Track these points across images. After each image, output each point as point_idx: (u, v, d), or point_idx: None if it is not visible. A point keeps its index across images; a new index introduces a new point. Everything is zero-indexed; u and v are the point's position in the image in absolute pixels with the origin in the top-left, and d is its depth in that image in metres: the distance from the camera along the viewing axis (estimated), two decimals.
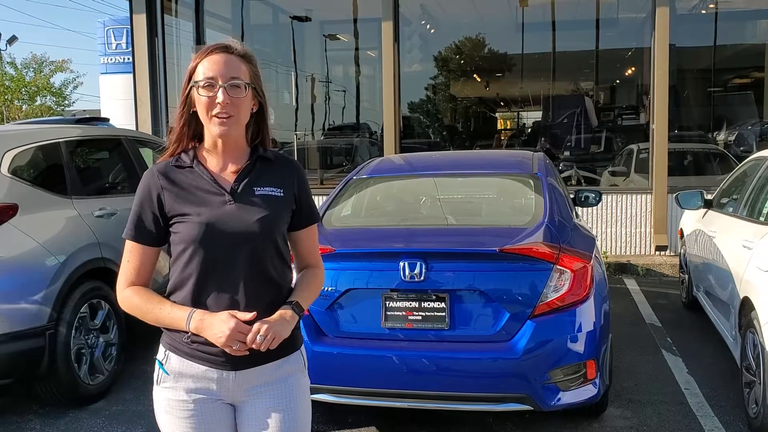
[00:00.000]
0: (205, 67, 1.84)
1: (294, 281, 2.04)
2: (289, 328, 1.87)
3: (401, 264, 3.53)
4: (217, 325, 1.78)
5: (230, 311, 1.81)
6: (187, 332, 1.83)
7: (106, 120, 6.44)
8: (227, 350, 1.79)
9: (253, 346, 1.79)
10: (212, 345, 1.83)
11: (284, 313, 1.88)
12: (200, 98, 1.84)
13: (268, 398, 1.93)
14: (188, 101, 1.89)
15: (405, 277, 3.53)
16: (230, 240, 1.86)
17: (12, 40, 27.37)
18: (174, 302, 1.88)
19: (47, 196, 4.51)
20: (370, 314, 3.63)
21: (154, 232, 1.90)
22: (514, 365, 3.44)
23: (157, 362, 1.94)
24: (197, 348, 1.86)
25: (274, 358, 1.91)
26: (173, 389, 1.90)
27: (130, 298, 1.89)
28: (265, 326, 1.80)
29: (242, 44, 1.92)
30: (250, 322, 1.80)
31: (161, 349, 1.94)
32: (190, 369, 1.89)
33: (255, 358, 1.86)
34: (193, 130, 1.93)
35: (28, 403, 4.46)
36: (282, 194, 1.95)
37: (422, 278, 3.52)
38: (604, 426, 3.96)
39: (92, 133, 5.37)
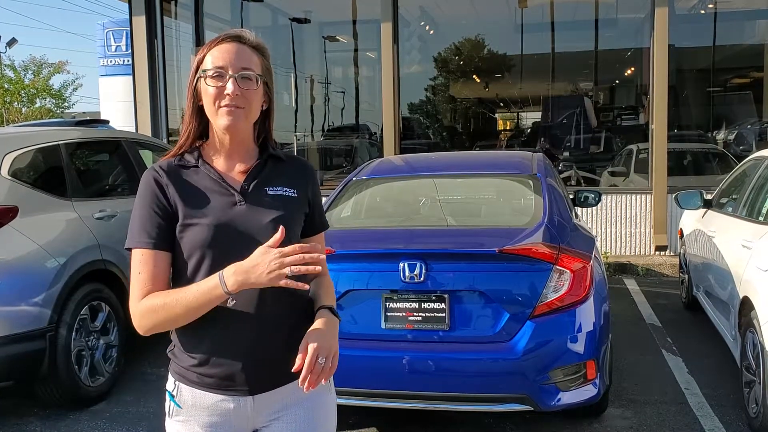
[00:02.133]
0: (215, 56, 1.69)
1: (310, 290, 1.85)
2: (337, 335, 1.71)
3: (401, 265, 3.53)
4: (258, 261, 1.55)
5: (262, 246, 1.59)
6: (228, 296, 1.60)
7: (106, 122, 6.46)
8: (282, 282, 1.54)
9: (310, 374, 1.59)
10: (221, 367, 1.68)
11: (328, 322, 1.70)
12: (207, 89, 1.69)
13: (290, 422, 1.76)
14: (195, 94, 1.73)
15: (405, 278, 3.53)
16: (242, 244, 1.66)
17: (11, 42, 27.40)
18: (178, 326, 1.69)
19: (47, 198, 4.51)
20: (370, 315, 3.63)
21: (165, 234, 1.69)
22: (514, 365, 3.45)
23: (167, 394, 1.77)
24: (204, 373, 1.70)
25: (293, 378, 1.69)
26: (186, 423, 1.73)
27: (146, 303, 1.64)
28: (330, 352, 1.62)
29: (255, 35, 1.76)
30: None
31: (170, 379, 1.77)
32: (203, 400, 1.71)
33: (273, 380, 1.72)
34: (199, 126, 1.77)
35: (28, 405, 4.47)
36: (296, 195, 1.79)
37: (422, 279, 3.52)
38: (605, 426, 3.97)
39: (92, 135, 5.39)
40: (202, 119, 1.76)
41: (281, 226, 1.61)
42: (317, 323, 1.69)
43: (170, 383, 1.77)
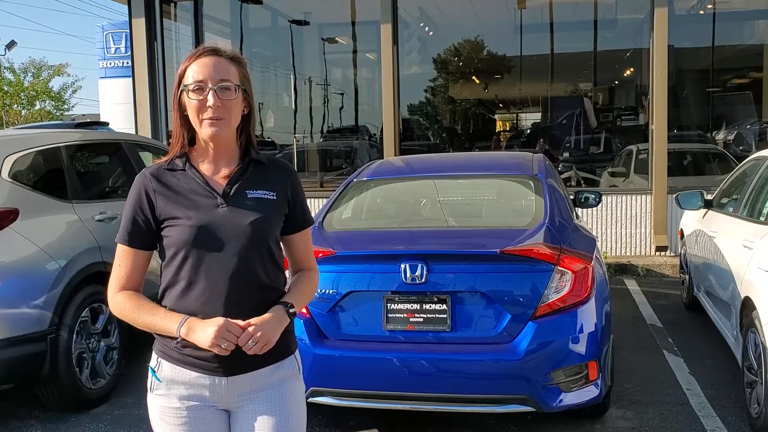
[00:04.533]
0: (194, 71, 1.84)
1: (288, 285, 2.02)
2: (280, 330, 1.86)
3: (402, 266, 3.53)
4: (207, 327, 1.76)
5: (224, 318, 1.79)
6: (176, 338, 1.81)
7: (106, 124, 6.45)
8: (215, 350, 1.76)
9: (243, 348, 1.77)
10: (203, 350, 1.81)
11: (276, 313, 1.86)
12: (190, 101, 1.84)
13: (262, 404, 1.91)
14: (179, 105, 1.88)
15: (406, 279, 3.53)
16: (222, 244, 1.84)
17: (11, 44, 27.40)
18: (167, 309, 1.86)
19: (48, 200, 4.51)
20: (371, 316, 3.63)
21: (146, 236, 1.89)
22: (516, 367, 3.44)
23: (149, 370, 1.93)
24: (188, 353, 1.85)
25: (267, 363, 1.90)
26: (166, 396, 1.89)
27: (121, 303, 1.87)
28: (258, 333, 1.78)
29: (231, 47, 1.92)
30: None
31: (153, 356, 1.93)
32: (181, 376, 1.88)
33: (247, 364, 1.85)
34: (187, 133, 1.91)
35: (29, 408, 4.46)
36: (275, 197, 1.93)
37: (423, 280, 3.52)
38: (606, 427, 3.96)
39: (92, 137, 5.38)
40: (190, 128, 1.91)
41: (246, 322, 1.79)
42: (265, 315, 1.84)
43: (153, 360, 1.93)
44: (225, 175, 1.92)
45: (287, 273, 2.07)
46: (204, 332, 1.76)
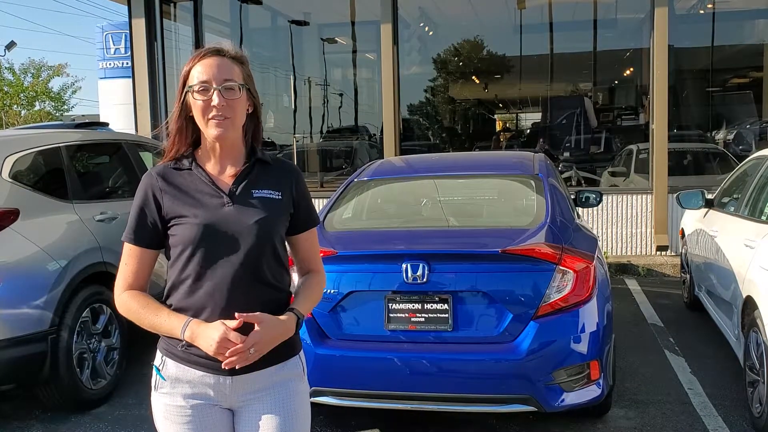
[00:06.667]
0: (199, 71, 1.85)
1: (295, 286, 2.02)
2: (286, 335, 1.87)
3: (404, 266, 3.53)
4: (209, 334, 1.78)
5: (222, 321, 1.80)
6: (181, 340, 1.83)
7: (105, 125, 6.44)
8: (220, 358, 1.78)
9: (246, 358, 1.79)
10: None
11: (287, 319, 1.88)
12: (196, 102, 1.86)
13: (266, 403, 1.92)
14: (184, 106, 1.90)
15: (407, 279, 3.52)
16: (228, 242, 1.85)
17: (11, 45, 27.39)
18: (171, 309, 1.88)
19: (48, 200, 4.50)
20: (372, 316, 3.62)
21: (153, 235, 1.90)
22: (518, 366, 3.44)
23: (154, 368, 1.94)
24: (193, 353, 1.86)
25: (271, 363, 1.90)
26: (171, 395, 1.90)
27: (127, 302, 1.89)
28: (262, 349, 1.80)
29: (234, 46, 1.93)
30: (240, 329, 1.78)
31: (158, 354, 1.94)
32: (186, 374, 1.89)
33: (252, 363, 1.85)
34: (192, 133, 1.93)
35: (30, 408, 4.46)
36: (280, 197, 1.95)
37: (425, 280, 3.51)
38: (608, 426, 3.96)
39: (92, 137, 5.37)
40: (195, 128, 1.92)
41: (240, 320, 1.78)
42: (277, 318, 1.85)
43: (158, 359, 1.94)
44: (231, 175, 1.93)
45: (294, 274, 2.07)
46: (207, 339, 1.78)
